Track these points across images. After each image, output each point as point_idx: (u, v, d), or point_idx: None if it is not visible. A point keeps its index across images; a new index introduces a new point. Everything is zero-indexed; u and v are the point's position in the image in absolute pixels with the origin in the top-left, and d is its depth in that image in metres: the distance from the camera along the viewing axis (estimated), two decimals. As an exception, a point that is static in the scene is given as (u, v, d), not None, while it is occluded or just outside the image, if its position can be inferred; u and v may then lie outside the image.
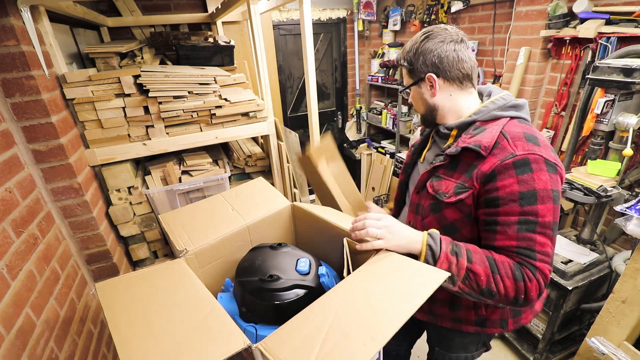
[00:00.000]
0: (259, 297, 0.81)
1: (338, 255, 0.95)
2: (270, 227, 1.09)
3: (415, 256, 0.82)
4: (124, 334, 0.65)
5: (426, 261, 0.80)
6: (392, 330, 0.60)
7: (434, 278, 0.70)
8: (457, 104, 0.91)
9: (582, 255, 1.67)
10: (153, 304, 0.73)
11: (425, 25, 3.05)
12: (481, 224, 0.85)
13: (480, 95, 0.95)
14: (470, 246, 0.83)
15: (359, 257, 0.86)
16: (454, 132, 0.91)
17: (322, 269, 0.90)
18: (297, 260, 0.90)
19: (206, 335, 0.63)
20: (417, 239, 0.83)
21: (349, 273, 0.78)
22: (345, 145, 4.10)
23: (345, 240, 0.89)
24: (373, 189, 3.68)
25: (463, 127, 0.89)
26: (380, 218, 0.84)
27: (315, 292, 0.82)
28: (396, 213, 1.19)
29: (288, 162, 2.12)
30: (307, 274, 0.86)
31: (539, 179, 0.76)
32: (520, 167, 0.77)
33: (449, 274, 0.73)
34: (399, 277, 0.73)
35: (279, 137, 1.84)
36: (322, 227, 1.00)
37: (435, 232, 0.84)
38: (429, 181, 0.92)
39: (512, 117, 0.86)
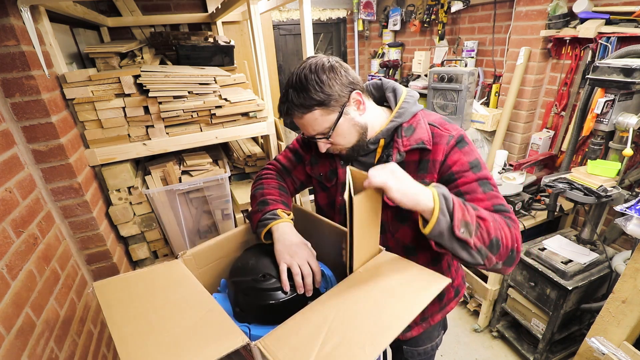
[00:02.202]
0: (252, 297, 0.81)
1: (336, 255, 0.95)
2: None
3: (421, 220, 0.75)
4: (123, 332, 0.65)
5: (441, 210, 0.70)
6: (392, 335, 0.60)
7: (435, 283, 0.70)
8: (374, 114, 0.92)
9: (582, 255, 1.67)
10: (152, 302, 0.73)
11: (425, 25, 3.04)
12: None
13: (382, 89, 0.98)
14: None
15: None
16: (381, 143, 0.91)
17: (321, 269, 0.90)
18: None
19: (205, 333, 0.63)
20: (425, 191, 0.73)
21: (350, 198, 0.71)
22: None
23: (348, 168, 0.79)
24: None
25: (389, 134, 0.90)
26: (384, 167, 0.74)
27: (312, 291, 0.82)
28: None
29: (288, 162, 2.11)
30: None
31: (472, 149, 0.86)
32: (460, 143, 0.85)
33: (449, 280, 0.71)
34: (399, 281, 0.73)
35: (279, 137, 1.84)
36: (320, 227, 0.99)
37: (440, 185, 0.77)
38: (384, 197, 0.80)
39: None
